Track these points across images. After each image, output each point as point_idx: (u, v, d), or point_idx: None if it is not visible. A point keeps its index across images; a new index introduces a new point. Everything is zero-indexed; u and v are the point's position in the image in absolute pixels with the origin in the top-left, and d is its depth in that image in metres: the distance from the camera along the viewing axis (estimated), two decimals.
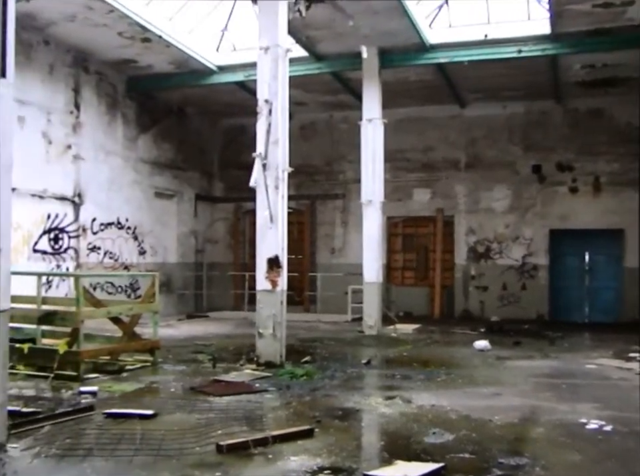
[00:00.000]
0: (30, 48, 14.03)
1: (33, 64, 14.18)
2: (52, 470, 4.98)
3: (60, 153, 15.02)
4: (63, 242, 15.07)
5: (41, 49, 14.48)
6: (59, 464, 5.08)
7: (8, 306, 5.43)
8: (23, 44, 13.46)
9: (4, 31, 5.27)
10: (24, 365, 8.52)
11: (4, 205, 5.33)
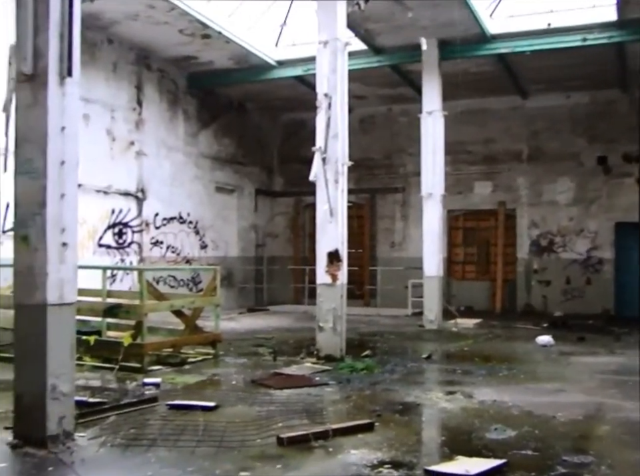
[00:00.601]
0: (94, 47, 14.33)
1: (97, 62, 14.49)
2: (118, 459, 5.09)
3: (124, 149, 15.32)
4: (127, 236, 15.38)
5: (105, 48, 14.78)
6: (124, 453, 5.19)
7: (75, 299, 5.56)
8: (88, 43, 13.74)
9: (70, 31, 5.40)
10: (91, 357, 8.72)
11: (70, 201, 5.47)
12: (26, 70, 5.35)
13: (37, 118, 5.34)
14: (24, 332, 5.45)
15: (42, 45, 5.33)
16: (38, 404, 5.24)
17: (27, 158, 5.38)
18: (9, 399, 5.77)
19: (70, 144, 5.47)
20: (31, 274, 5.31)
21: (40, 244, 5.29)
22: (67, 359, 5.41)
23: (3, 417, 6.03)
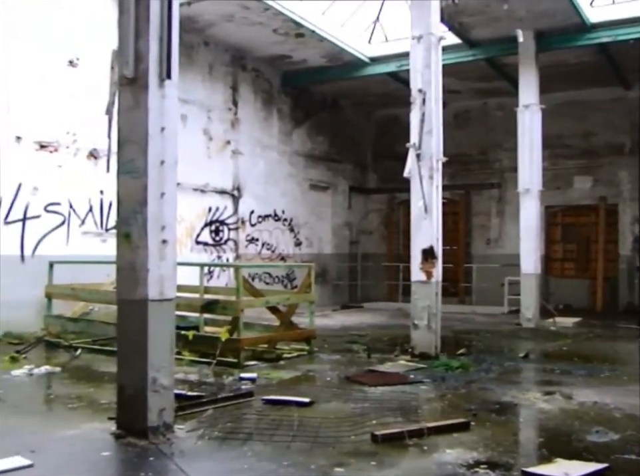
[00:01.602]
0: (191, 49, 14.69)
1: (194, 64, 14.85)
2: (215, 451, 5.19)
3: (220, 148, 15.65)
4: (223, 234, 15.71)
5: (201, 50, 15.14)
6: (221, 446, 5.29)
7: (175, 294, 5.71)
8: (185, 46, 14.10)
9: (169, 35, 5.54)
10: (189, 352, 8.91)
11: (170, 199, 5.61)
12: (128, 73, 5.52)
13: (138, 119, 5.51)
14: (127, 327, 5.63)
15: (143, 49, 5.49)
16: (140, 396, 5.40)
17: (129, 158, 5.56)
18: (113, 391, 6.00)
19: (169, 144, 5.61)
20: (133, 271, 5.48)
21: (141, 241, 5.45)
22: (167, 354, 5.56)
23: (107, 407, 6.27)
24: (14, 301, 10.89)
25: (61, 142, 12.00)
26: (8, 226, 11.24)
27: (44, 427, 5.81)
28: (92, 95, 12.44)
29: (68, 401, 6.77)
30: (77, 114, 12.21)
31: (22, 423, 5.96)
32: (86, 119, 12.35)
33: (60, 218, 12.01)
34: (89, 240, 12.44)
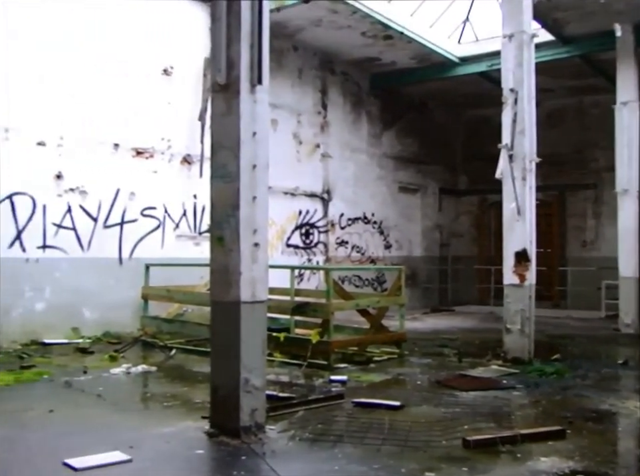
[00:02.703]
0: (281, 54, 14.88)
1: (284, 69, 15.03)
2: (306, 452, 5.23)
3: (310, 152, 15.78)
4: (313, 237, 15.82)
5: (291, 55, 15.31)
6: (312, 447, 5.33)
7: (266, 297, 5.79)
8: (275, 51, 14.27)
9: (260, 41, 5.63)
10: (280, 353, 9.03)
11: (261, 202, 5.70)
12: (221, 80, 5.64)
13: (230, 124, 5.61)
14: (220, 328, 5.74)
15: (235, 56, 5.59)
16: (233, 396, 5.49)
17: (222, 163, 5.68)
18: (206, 391, 6.13)
19: (260, 148, 5.70)
20: (226, 273, 5.59)
21: (234, 244, 5.54)
22: (259, 355, 5.64)
23: (200, 406, 6.42)
24: (113, 302, 11.33)
25: (156, 148, 12.37)
26: (107, 230, 11.67)
27: (141, 424, 6.00)
28: (185, 102, 12.79)
29: (164, 400, 6.96)
30: (171, 121, 12.57)
31: (121, 419, 6.18)
32: (180, 125, 12.70)
33: (155, 222, 12.38)
34: (183, 243, 12.78)
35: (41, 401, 6.81)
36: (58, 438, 5.54)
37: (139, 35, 12.03)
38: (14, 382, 7.71)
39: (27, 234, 10.63)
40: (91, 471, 4.67)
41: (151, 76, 12.31)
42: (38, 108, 10.72)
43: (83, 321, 11.13)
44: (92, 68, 11.40)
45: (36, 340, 10.47)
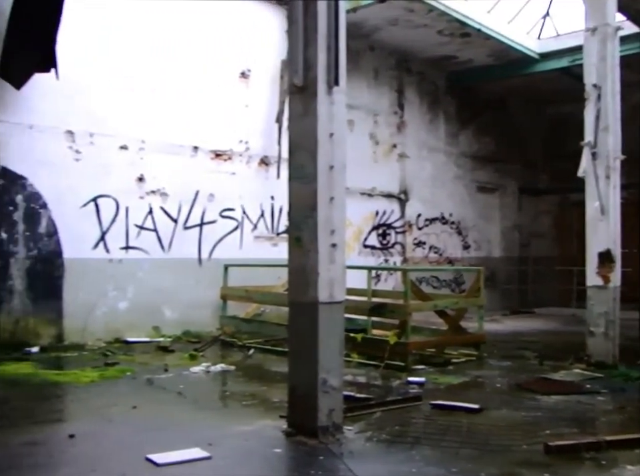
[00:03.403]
0: (357, 55, 14.88)
1: (360, 70, 15.02)
2: (383, 453, 5.21)
3: (386, 152, 15.73)
4: (390, 237, 15.77)
5: (367, 55, 15.30)
6: (389, 449, 5.30)
7: (344, 297, 5.79)
8: (351, 52, 14.17)
9: (336, 43, 5.64)
10: (357, 354, 9.02)
11: (339, 203, 5.70)
12: (298, 82, 5.67)
13: (308, 126, 5.63)
14: (297, 328, 5.77)
15: (312, 57, 5.61)
16: (310, 396, 5.51)
17: (299, 164, 5.71)
18: (283, 390, 6.18)
19: (338, 149, 5.71)
20: (304, 274, 5.61)
21: (311, 245, 5.56)
22: (336, 355, 5.65)
23: (278, 406, 6.47)
24: (193, 302, 11.56)
25: (235, 151, 12.56)
26: (187, 231, 11.91)
27: (220, 422, 6.09)
28: (262, 104, 12.94)
29: (242, 399, 7.06)
30: (249, 123, 12.74)
31: (201, 417, 6.29)
32: (257, 128, 12.86)
33: (234, 223, 12.57)
34: (261, 244, 12.93)
35: (124, 397, 7.00)
36: (141, 433, 5.68)
37: (217, 39, 12.25)
38: (99, 379, 7.95)
39: (111, 235, 10.97)
40: (172, 467, 4.77)
41: (229, 79, 12.52)
42: (120, 113, 11.04)
43: (164, 320, 11.40)
44: (172, 73, 11.66)
45: (120, 338, 10.78)
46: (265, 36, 13.02)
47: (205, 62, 12.09)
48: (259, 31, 12.93)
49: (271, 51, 13.07)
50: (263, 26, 13.01)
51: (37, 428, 5.81)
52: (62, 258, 10.43)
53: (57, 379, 7.90)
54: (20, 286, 10.02)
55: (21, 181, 10.07)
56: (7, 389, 7.43)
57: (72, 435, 5.46)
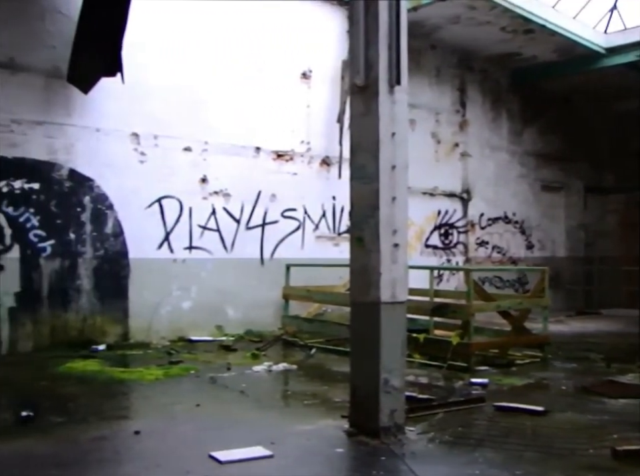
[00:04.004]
0: (418, 54, 14.79)
1: (422, 69, 14.93)
2: (446, 455, 5.17)
3: (448, 151, 15.60)
4: (453, 237, 15.63)
5: (428, 54, 15.20)
6: (451, 450, 5.26)
7: (406, 298, 5.77)
8: (412, 51, 14.06)
9: (398, 42, 5.63)
10: (419, 354, 8.98)
11: (401, 203, 5.68)
12: (359, 82, 5.68)
13: (369, 126, 5.64)
14: (359, 328, 5.77)
15: (373, 57, 5.62)
16: (372, 397, 5.51)
17: (361, 164, 5.71)
18: (345, 390, 6.20)
19: (400, 149, 5.69)
20: (366, 274, 5.61)
21: (373, 245, 5.56)
22: (398, 356, 5.63)
23: (340, 406, 6.48)
24: (255, 301, 11.68)
25: (296, 151, 12.63)
26: (250, 231, 12.04)
27: (282, 421, 6.14)
28: (323, 105, 12.98)
29: (304, 398, 7.09)
30: (310, 124, 12.80)
31: (263, 415, 6.35)
32: (318, 128, 12.91)
33: (295, 223, 12.64)
34: (322, 244, 12.97)
35: (188, 395, 7.12)
36: (204, 431, 5.76)
37: (278, 40, 12.34)
38: (163, 376, 8.10)
39: (175, 235, 11.16)
40: (235, 465, 4.82)
41: (290, 80, 12.60)
42: (183, 115, 11.22)
43: (226, 319, 11.54)
44: (233, 75, 11.81)
45: (183, 337, 10.97)
46: (325, 36, 13.06)
47: (266, 63, 12.20)
48: (320, 32, 12.98)
49: (332, 51, 13.11)
50: (323, 27, 13.05)
51: (105, 424, 5.96)
52: (128, 258, 10.67)
53: (123, 377, 8.08)
54: (87, 285, 10.29)
55: (88, 183, 10.34)
56: (76, 385, 7.64)
57: (138, 432, 5.59)
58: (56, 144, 10.08)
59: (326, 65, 13.07)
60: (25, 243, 9.78)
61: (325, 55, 13.06)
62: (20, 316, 9.71)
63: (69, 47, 9.42)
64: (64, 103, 10.17)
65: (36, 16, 9.95)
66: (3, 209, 9.61)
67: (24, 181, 9.79)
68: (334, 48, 13.11)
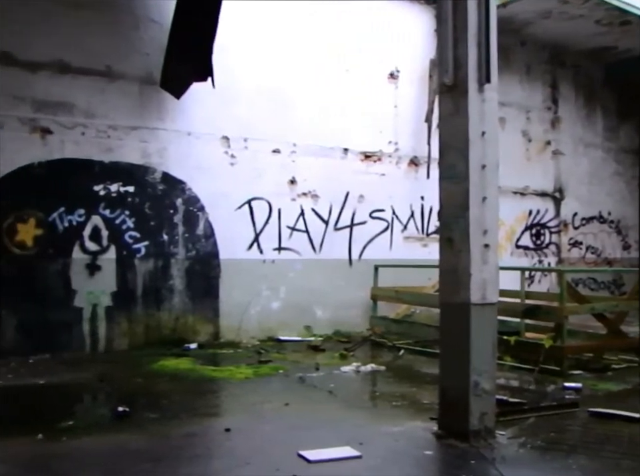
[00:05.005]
0: (507, 50, 14.49)
1: (511, 66, 14.63)
2: (537, 461, 5.05)
3: (540, 149, 15.24)
4: (544, 237, 15.26)
5: (518, 50, 14.88)
6: (543, 456, 5.13)
7: (497, 299, 5.67)
8: (501, 48, 13.84)
9: (487, 39, 5.55)
10: (510, 357, 8.80)
11: (491, 203, 5.59)
12: (448, 81, 5.62)
13: (458, 125, 5.57)
14: (449, 330, 5.71)
15: (461, 56, 5.55)
16: (462, 399, 5.44)
17: (450, 164, 5.65)
18: (433, 392, 6.14)
19: (490, 148, 5.61)
20: (455, 275, 5.55)
21: (463, 245, 5.50)
22: (489, 358, 5.54)
23: (428, 408, 6.42)
24: (343, 302, 11.71)
25: (384, 151, 12.61)
26: (338, 232, 12.08)
27: (370, 422, 6.14)
28: (411, 104, 12.90)
29: (392, 399, 7.06)
30: (398, 124, 12.75)
31: (351, 416, 6.36)
32: (406, 128, 12.85)
33: (383, 224, 12.61)
34: (411, 244, 12.90)
35: (277, 394, 7.20)
36: (293, 430, 5.82)
37: (365, 41, 12.34)
38: (253, 375, 8.23)
39: (264, 236, 11.33)
40: (323, 464, 4.84)
41: (378, 80, 12.58)
42: (272, 118, 11.36)
43: (315, 320, 11.62)
44: (320, 76, 11.87)
45: (272, 337, 11.11)
46: (413, 36, 12.98)
47: (353, 63, 12.22)
48: (407, 31, 12.91)
49: (419, 51, 13.02)
50: (410, 26, 12.97)
51: (196, 421, 6.11)
52: (219, 258, 10.89)
53: (214, 375, 8.25)
54: (180, 285, 10.56)
55: (180, 186, 10.61)
56: (169, 383, 7.85)
57: (228, 429, 5.69)
58: (150, 148, 10.40)
59: (413, 65, 12.99)
60: (121, 244, 10.13)
61: (413, 55, 12.99)
62: (116, 315, 10.06)
63: (162, 54, 9.71)
64: (157, 108, 10.47)
65: (130, 26, 10.28)
66: (100, 211, 9.98)
67: (120, 184, 10.14)
68: (421, 47, 13.02)
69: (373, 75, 12.51)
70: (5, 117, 9.38)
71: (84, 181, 9.91)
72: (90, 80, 9.94)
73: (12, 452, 5.11)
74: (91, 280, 9.91)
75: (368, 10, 12.36)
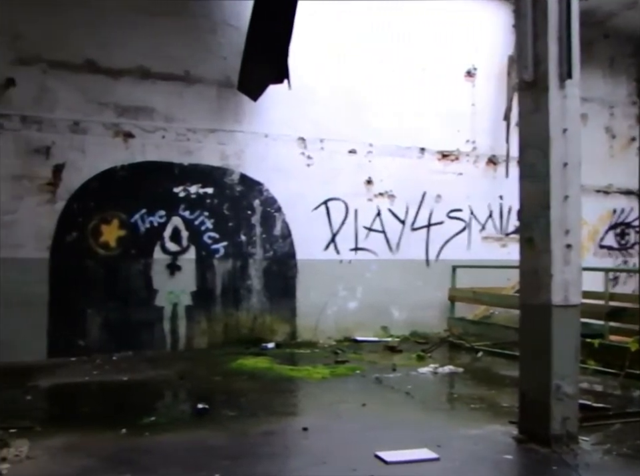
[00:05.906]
0: (589, 44, 14.04)
1: (594, 60, 14.19)
2: (623, 469, 4.89)
3: (624, 146, 14.75)
4: (630, 237, 14.77)
5: (601, 43, 14.42)
6: (629, 464, 4.97)
7: (580, 301, 5.52)
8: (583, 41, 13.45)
9: (568, 34, 5.42)
10: (594, 361, 8.55)
11: (574, 202, 5.45)
12: (527, 77, 5.51)
13: (539, 122, 5.46)
14: (529, 332, 5.60)
15: (541, 51, 5.44)
16: (542, 403, 5.32)
17: (530, 162, 5.54)
18: (513, 395, 6.02)
19: (571, 146, 5.47)
20: (536, 275, 5.43)
21: (544, 246, 5.38)
22: (571, 361, 5.39)
23: (507, 411, 6.30)
24: (420, 302, 11.61)
25: (461, 151, 12.44)
26: (415, 232, 11.99)
27: (448, 424, 6.07)
28: (489, 102, 12.69)
29: (470, 401, 6.96)
30: (476, 122, 12.56)
31: (428, 417, 6.32)
32: (484, 126, 12.64)
33: (461, 224, 12.44)
34: (489, 244, 12.68)
35: (354, 394, 7.21)
36: (369, 431, 5.80)
37: (441, 39, 12.19)
38: (330, 375, 8.25)
39: (341, 237, 11.34)
40: (400, 465, 4.81)
41: (454, 78, 12.43)
42: (348, 118, 11.37)
43: (391, 320, 11.56)
44: (396, 76, 11.81)
45: (349, 337, 11.12)
46: (489, 33, 12.76)
47: (429, 62, 12.10)
48: (484, 28, 12.69)
49: (497, 48, 12.78)
50: (487, 23, 12.75)
51: (274, 419, 6.17)
52: (296, 259, 10.96)
53: (291, 374, 8.31)
54: (257, 285, 10.68)
55: (258, 187, 10.74)
56: (247, 381, 7.95)
57: (306, 428, 5.72)
58: (228, 150, 10.56)
59: (491, 62, 12.76)
60: (200, 245, 10.32)
61: (490, 52, 12.76)
62: (196, 314, 10.26)
63: (239, 57, 9.84)
64: (235, 111, 10.63)
65: (208, 30, 10.47)
66: (180, 212, 10.20)
67: (199, 186, 10.34)
68: (499, 44, 12.78)
69: (449, 73, 12.36)
70: (90, 122, 9.71)
71: (165, 183, 10.16)
72: (169, 85, 10.19)
73: (97, 446, 5.28)
74: (171, 280, 10.14)
75: (444, 8, 12.21)
